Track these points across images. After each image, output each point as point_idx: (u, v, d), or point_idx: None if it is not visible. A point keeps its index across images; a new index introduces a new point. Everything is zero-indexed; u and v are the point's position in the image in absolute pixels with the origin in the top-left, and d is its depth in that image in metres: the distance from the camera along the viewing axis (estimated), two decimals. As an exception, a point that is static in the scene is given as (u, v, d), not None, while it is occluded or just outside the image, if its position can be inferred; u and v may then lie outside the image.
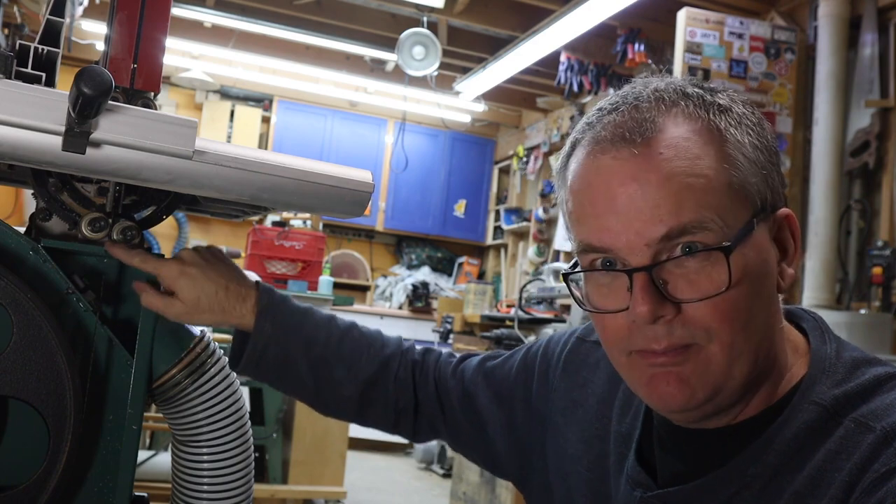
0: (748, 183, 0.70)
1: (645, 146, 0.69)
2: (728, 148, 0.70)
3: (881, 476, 0.63)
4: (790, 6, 4.20)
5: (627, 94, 0.74)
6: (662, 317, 0.69)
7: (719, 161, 0.69)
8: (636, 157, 0.69)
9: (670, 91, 0.72)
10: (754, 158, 0.71)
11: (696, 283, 0.68)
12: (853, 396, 0.70)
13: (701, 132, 0.70)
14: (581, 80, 5.15)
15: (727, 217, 0.68)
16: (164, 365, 0.91)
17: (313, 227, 4.51)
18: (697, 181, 0.68)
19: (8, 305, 0.75)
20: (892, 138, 3.64)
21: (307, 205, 0.94)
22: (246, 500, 0.96)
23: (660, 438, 0.80)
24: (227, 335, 3.46)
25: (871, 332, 3.26)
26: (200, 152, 0.80)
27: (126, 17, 0.87)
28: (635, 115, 0.71)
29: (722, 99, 0.73)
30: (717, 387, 0.70)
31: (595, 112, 0.75)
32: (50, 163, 0.76)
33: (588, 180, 0.72)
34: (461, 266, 7.28)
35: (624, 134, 0.70)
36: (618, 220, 0.69)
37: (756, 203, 0.70)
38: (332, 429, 3.89)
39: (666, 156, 0.68)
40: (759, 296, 0.70)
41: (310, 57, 6.02)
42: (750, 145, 0.71)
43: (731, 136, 0.70)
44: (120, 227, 0.90)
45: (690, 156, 0.68)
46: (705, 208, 0.67)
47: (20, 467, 0.78)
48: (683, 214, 0.67)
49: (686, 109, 0.71)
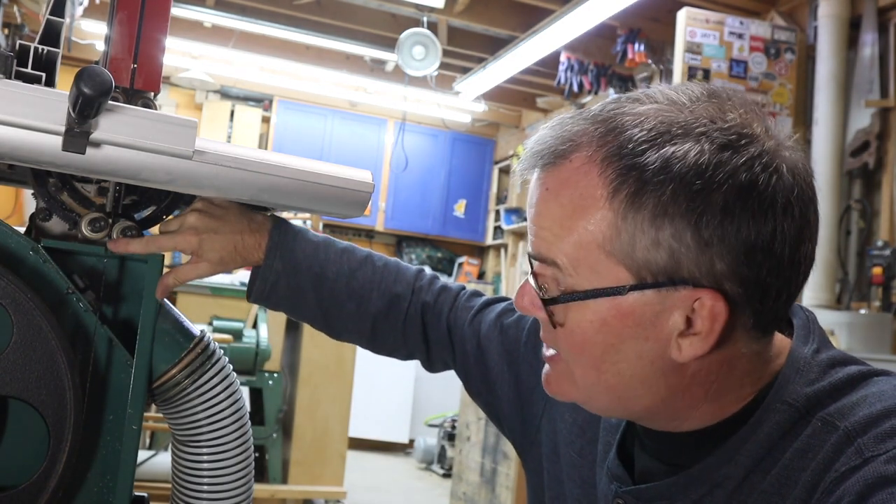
0: (622, 253, 0.66)
1: (542, 174, 0.72)
2: (608, 212, 0.66)
3: (840, 476, 0.63)
4: (790, 6, 4.20)
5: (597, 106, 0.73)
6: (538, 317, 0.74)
7: (591, 222, 0.67)
8: (536, 180, 0.72)
9: (613, 125, 0.68)
10: (633, 232, 0.66)
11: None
12: (823, 396, 0.70)
13: (589, 186, 0.67)
14: (581, 80, 5.15)
15: (580, 271, 0.69)
16: (164, 365, 0.91)
17: (313, 227, 4.51)
18: (562, 230, 0.69)
19: (8, 305, 0.75)
20: (892, 138, 3.64)
21: (307, 205, 0.94)
22: (246, 500, 0.96)
23: (639, 435, 0.81)
24: (226, 335, 3.47)
25: (871, 332, 3.26)
26: (200, 152, 0.80)
27: (126, 17, 0.87)
28: (549, 142, 0.72)
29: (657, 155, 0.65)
30: (580, 400, 0.75)
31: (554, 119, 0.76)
32: (50, 163, 0.76)
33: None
34: (461, 266, 7.28)
35: (539, 153, 0.72)
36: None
37: (633, 273, 0.67)
38: (332, 429, 3.90)
39: (552, 191, 0.70)
40: (619, 350, 0.69)
41: (310, 57, 6.02)
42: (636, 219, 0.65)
43: (617, 203, 0.66)
44: (120, 227, 0.90)
45: (566, 204, 0.69)
46: (562, 254, 0.69)
47: (20, 467, 0.78)
48: (540, 247, 0.71)
49: (594, 155, 0.68)
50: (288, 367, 3.93)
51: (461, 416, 4.10)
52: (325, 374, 3.90)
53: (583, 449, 0.90)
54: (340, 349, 3.95)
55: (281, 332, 3.81)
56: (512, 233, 6.82)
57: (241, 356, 3.51)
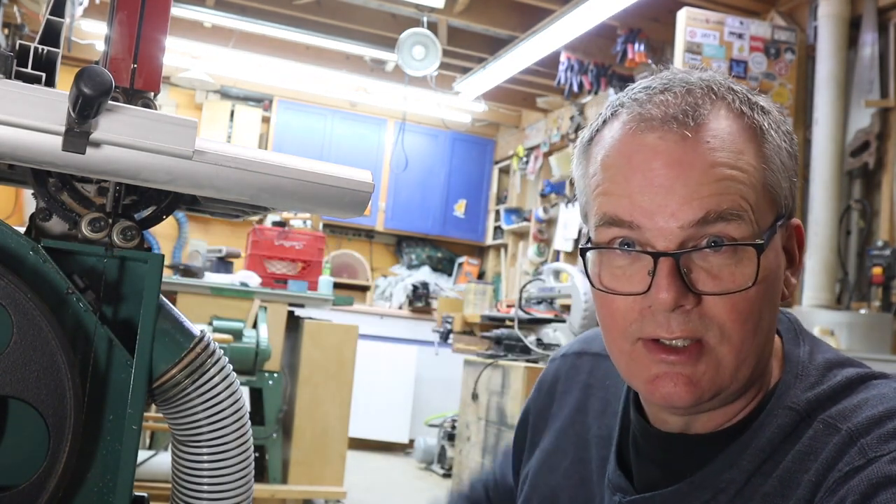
0: (779, 186, 0.71)
1: (694, 132, 0.68)
2: (767, 149, 0.71)
3: (844, 475, 0.64)
4: (790, 6, 4.20)
5: (674, 78, 0.73)
6: (682, 306, 0.67)
7: (759, 160, 0.70)
8: (684, 140, 0.68)
9: (718, 83, 0.73)
10: (787, 164, 0.72)
11: (719, 278, 0.67)
12: (824, 399, 0.71)
13: (745, 129, 0.70)
14: (581, 80, 5.15)
15: (759, 216, 0.69)
16: (164, 365, 0.91)
17: (313, 227, 4.51)
18: (739, 174, 0.68)
19: (8, 305, 0.75)
20: (892, 138, 3.64)
21: (307, 205, 0.94)
22: (246, 500, 0.96)
23: (635, 444, 0.80)
24: (226, 335, 3.47)
25: (871, 332, 3.26)
26: (200, 152, 0.80)
27: (126, 17, 0.86)
28: (688, 100, 0.70)
29: (763, 101, 0.74)
30: (722, 388, 0.70)
31: (642, 89, 0.74)
32: (50, 163, 0.76)
33: (627, 156, 0.70)
34: (461, 266, 7.28)
35: (677, 115, 0.69)
36: (653, 199, 0.68)
37: (781, 208, 0.71)
38: (332, 429, 3.90)
39: (712, 145, 0.68)
40: (770, 301, 0.70)
41: (310, 57, 6.02)
42: (785, 150, 0.72)
43: (771, 137, 0.71)
44: (120, 227, 0.90)
45: (734, 149, 0.69)
46: (743, 201, 0.68)
47: (20, 467, 0.78)
48: (723, 201, 0.67)
49: (732, 104, 0.71)
50: (288, 367, 3.93)
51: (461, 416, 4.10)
52: (325, 374, 3.90)
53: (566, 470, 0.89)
54: (340, 349, 3.95)
55: (281, 332, 3.81)
56: (512, 233, 6.82)
57: (241, 356, 3.51)
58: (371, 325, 6.15)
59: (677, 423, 0.76)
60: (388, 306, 6.88)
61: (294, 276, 4.20)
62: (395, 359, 6.17)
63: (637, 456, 0.80)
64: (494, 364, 3.57)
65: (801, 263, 0.75)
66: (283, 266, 4.22)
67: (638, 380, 0.72)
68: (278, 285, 4.09)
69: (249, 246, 4.26)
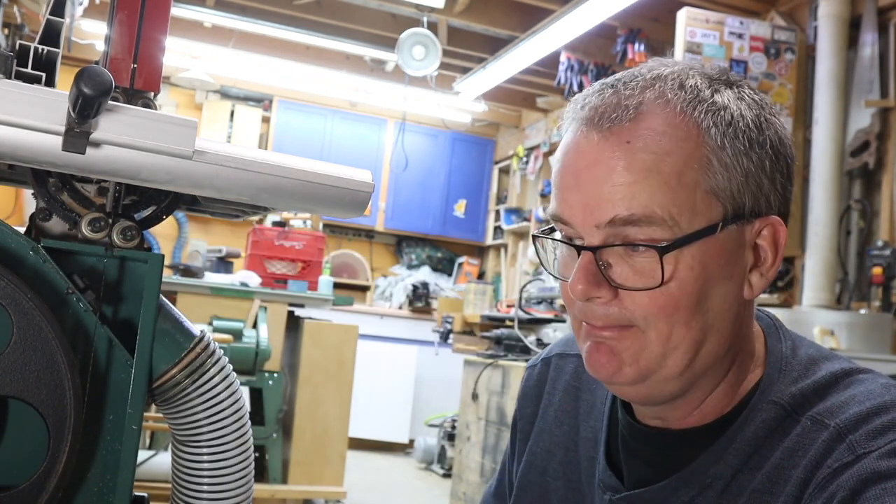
0: (719, 188, 0.69)
1: (617, 132, 0.69)
2: (705, 149, 0.69)
3: (833, 472, 0.64)
4: (790, 6, 4.20)
5: (628, 74, 0.74)
6: (598, 298, 0.70)
7: (689, 161, 0.68)
8: (605, 140, 0.70)
9: (669, 81, 0.72)
10: (732, 164, 0.69)
11: (637, 273, 0.69)
12: (810, 394, 0.71)
13: (678, 128, 0.69)
14: (581, 80, 5.15)
15: (682, 217, 0.68)
16: (164, 365, 0.91)
17: (313, 227, 4.51)
18: (657, 177, 0.68)
19: (8, 305, 0.75)
20: (892, 138, 3.64)
21: (307, 205, 0.94)
22: (246, 500, 0.96)
23: (624, 442, 0.81)
24: (226, 335, 3.47)
25: (871, 332, 3.26)
26: (200, 152, 0.80)
27: (126, 17, 0.86)
28: (613, 100, 0.71)
29: (722, 96, 0.71)
30: (647, 370, 0.71)
31: (590, 88, 0.76)
32: (50, 163, 0.76)
33: (564, 155, 0.74)
34: (461, 266, 7.28)
35: (605, 114, 0.70)
36: (577, 198, 0.71)
37: (727, 208, 0.69)
38: (332, 429, 3.90)
39: (633, 146, 0.69)
40: (709, 297, 0.70)
41: (310, 57, 6.02)
42: (732, 150, 0.69)
43: (710, 138, 0.69)
44: (120, 227, 0.90)
45: (658, 150, 0.68)
46: (658, 205, 0.68)
47: (20, 467, 0.78)
48: (634, 206, 0.68)
49: (671, 102, 0.70)
50: (288, 367, 3.93)
51: (461, 416, 4.10)
52: (325, 374, 3.90)
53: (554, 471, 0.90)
54: (340, 349, 3.95)
55: (281, 332, 3.81)
56: (512, 233, 6.82)
57: (241, 356, 3.51)
58: (371, 325, 6.15)
59: (651, 414, 0.78)
60: (388, 306, 6.88)
61: (294, 276, 4.20)
62: (395, 359, 6.17)
63: (626, 454, 0.81)
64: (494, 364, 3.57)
65: (774, 263, 0.73)
66: (283, 266, 4.22)
67: (582, 350, 0.76)
68: (278, 285, 4.09)
69: (249, 246, 4.26)
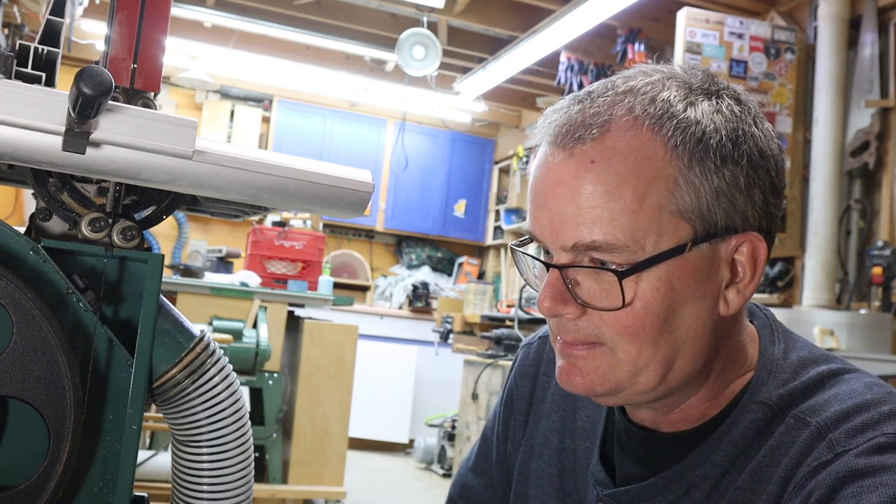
0: (686, 208, 0.67)
1: (581, 152, 0.68)
2: (668, 169, 0.66)
3: (812, 470, 0.65)
4: (790, 6, 4.20)
5: (601, 85, 0.72)
6: (565, 315, 0.70)
7: (653, 182, 0.66)
8: (570, 159, 0.68)
9: (640, 95, 0.69)
10: (700, 183, 0.67)
11: (604, 292, 0.69)
12: (797, 394, 0.71)
13: (644, 146, 0.67)
14: (581, 80, 5.15)
15: (646, 240, 0.66)
16: (164, 365, 0.91)
17: (313, 227, 4.51)
18: (619, 202, 0.66)
19: (8, 305, 0.75)
20: (892, 138, 3.64)
21: (307, 205, 0.94)
22: (246, 500, 0.96)
23: (619, 439, 0.82)
24: (226, 335, 3.47)
25: (871, 332, 3.26)
26: (200, 152, 0.80)
27: (126, 17, 0.87)
28: (578, 119, 0.69)
29: (696, 110, 0.68)
30: (619, 386, 0.71)
31: (560, 102, 0.74)
32: (50, 163, 0.76)
33: (535, 171, 0.73)
34: (461, 266, 7.28)
35: (571, 131, 0.69)
36: (545, 216, 0.70)
37: (696, 228, 0.68)
38: (332, 429, 3.89)
39: (597, 166, 0.67)
40: (678, 316, 0.68)
41: (310, 57, 6.02)
42: (701, 169, 0.67)
43: (676, 157, 0.67)
44: (120, 227, 0.90)
45: (622, 171, 0.66)
46: (620, 229, 0.66)
47: (20, 467, 0.78)
48: (595, 232, 0.67)
49: (639, 119, 0.68)
50: (288, 367, 3.94)
51: (461, 416, 4.10)
52: (325, 374, 3.90)
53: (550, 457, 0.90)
54: (340, 349, 3.95)
55: (281, 332, 3.81)
56: (512, 233, 6.82)
57: (241, 356, 3.51)
58: (371, 325, 6.15)
59: (645, 416, 0.78)
60: (388, 306, 6.88)
61: (294, 276, 4.20)
62: (395, 359, 6.17)
63: (619, 450, 0.82)
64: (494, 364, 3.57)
65: (753, 279, 0.71)
66: (283, 266, 4.22)
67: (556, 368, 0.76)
68: (278, 285, 4.09)
69: (249, 246, 4.26)
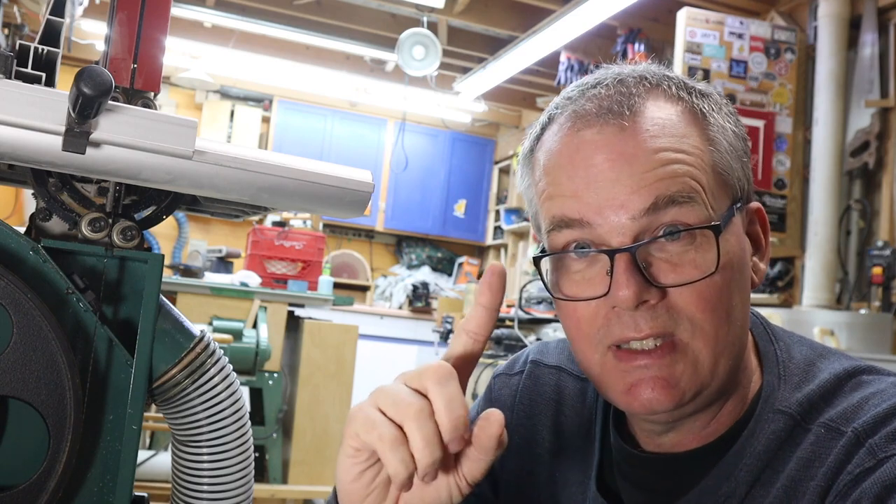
0: (730, 168, 0.68)
1: (631, 121, 0.66)
2: (711, 131, 0.68)
3: (855, 478, 0.61)
4: (790, 6, 4.20)
5: (606, 73, 0.72)
6: (646, 301, 0.64)
7: (704, 142, 0.67)
8: (622, 131, 0.66)
9: (651, 71, 0.71)
10: (736, 145, 0.70)
11: (680, 268, 0.64)
12: (817, 400, 0.68)
13: (684, 112, 0.68)
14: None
15: (713, 198, 0.66)
16: (164, 365, 0.91)
17: (313, 227, 4.51)
18: (685, 157, 0.66)
19: (8, 305, 0.75)
20: (892, 138, 3.64)
21: (307, 205, 0.94)
22: (246, 500, 0.96)
23: (619, 468, 0.76)
24: (226, 335, 3.47)
25: (871, 332, 3.26)
26: (200, 152, 0.80)
27: (126, 17, 0.86)
28: (621, 90, 0.69)
29: (701, 86, 0.72)
30: (703, 386, 0.66)
31: (575, 87, 0.72)
32: (50, 163, 0.76)
33: (568, 155, 0.68)
34: (461, 266, 7.28)
35: (611, 107, 0.67)
36: (599, 194, 0.65)
37: (736, 190, 0.69)
38: (332, 429, 3.89)
39: (652, 132, 0.66)
40: (739, 287, 0.67)
41: (310, 57, 6.02)
42: (731, 131, 0.70)
43: (713, 119, 0.69)
44: (120, 227, 0.90)
45: (676, 133, 0.67)
46: (694, 182, 0.65)
47: (20, 467, 0.78)
48: (672, 185, 0.64)
49: (668, 90, 0.70)
50: (288, 367, 3.93)
51: (461, 416, 4.08)
52: (325, 374, 3.90)
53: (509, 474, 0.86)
54: (340, 349, 3.95)
55: (281, 332, 3.81)
56: (512, 233, 6.82)
57: (241, 356, 3.51)
58: (371, 325, 6.15)
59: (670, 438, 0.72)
60: (388, 306, 6.88)
61: (294, 276, 4.20)
62: (395, 359, 6.16)
63: (624, 481, 0.76)
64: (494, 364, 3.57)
65: (767, 248, 0.72)
66: (283, 266, 4.22)
67: (613, 392, 0.68)
68: (278, 285, 4.09)
69: (249, 246, 4.26)
